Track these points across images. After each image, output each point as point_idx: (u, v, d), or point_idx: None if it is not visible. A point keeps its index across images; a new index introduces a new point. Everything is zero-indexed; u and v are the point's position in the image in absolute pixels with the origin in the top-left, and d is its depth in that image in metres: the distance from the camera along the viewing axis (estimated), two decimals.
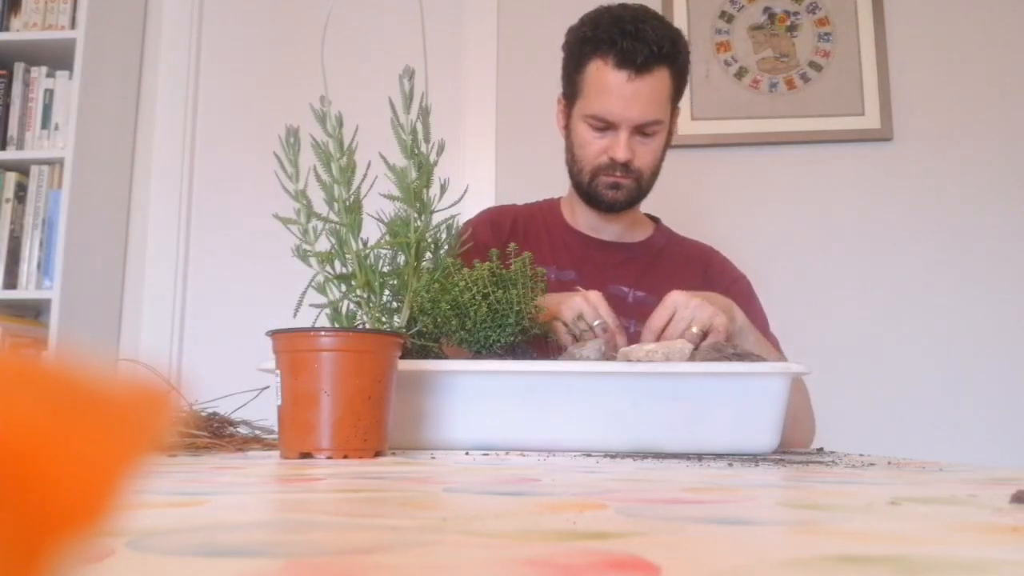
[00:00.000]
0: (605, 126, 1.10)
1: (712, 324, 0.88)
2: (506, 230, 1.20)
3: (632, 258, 1.20)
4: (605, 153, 1.11)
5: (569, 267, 1.16)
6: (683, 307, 0.88)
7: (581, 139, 1.13)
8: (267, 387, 0.75)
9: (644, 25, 1.06)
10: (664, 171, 1.87)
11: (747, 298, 1.15)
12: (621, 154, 1.09)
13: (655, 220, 1.30)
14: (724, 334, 0.88)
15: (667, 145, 1.16)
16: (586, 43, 1.10)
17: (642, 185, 1.14)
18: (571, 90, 1.15)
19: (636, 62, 1.05)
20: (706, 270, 1.22)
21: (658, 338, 0.88)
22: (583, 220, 1.22)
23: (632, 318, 1.11)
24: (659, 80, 1.07)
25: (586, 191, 1.15)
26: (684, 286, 1.14)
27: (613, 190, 1.13)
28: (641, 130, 1.09)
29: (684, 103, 1.88)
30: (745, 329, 0.95)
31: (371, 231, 0.82)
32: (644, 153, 1.11)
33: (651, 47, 1.05)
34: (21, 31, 1.92)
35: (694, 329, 0.87)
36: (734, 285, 1.18)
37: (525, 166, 1.91)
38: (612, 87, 1.07)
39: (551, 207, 1.28)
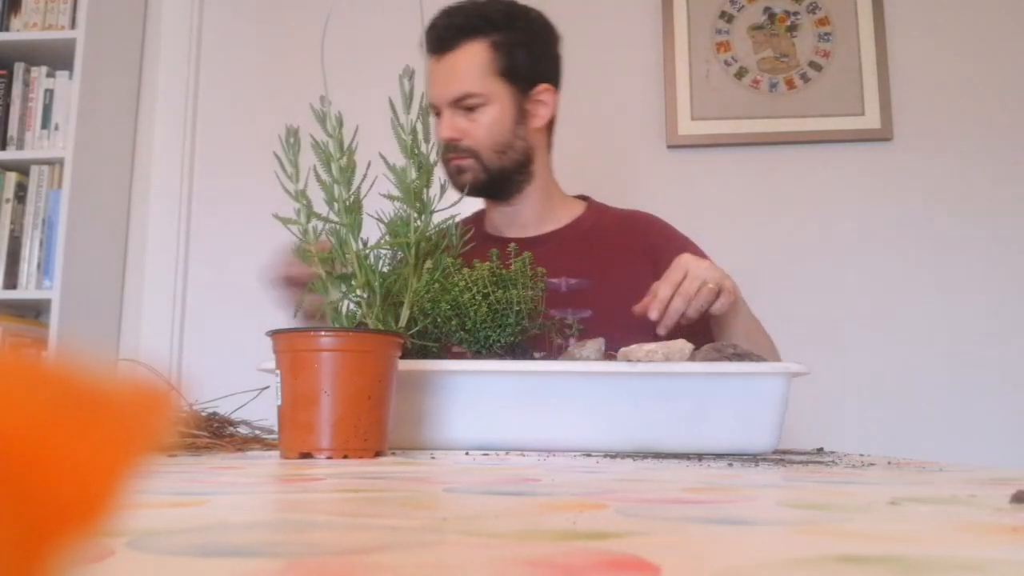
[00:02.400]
0: (437, 112, 1.12)
1: (724, 285, 0.91)
2: None
3: (557, 246, 1.17)
4: (440, 138, 1.12)
5: None
6: (695, 266, 0.91)
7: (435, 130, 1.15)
8: (267, 387, 0.75)
9: (453, 8, 1.11)
10: (664, 171, 1.88)
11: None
12: (442, 132, 1.10)
13: (587, 199, 1.26)
14: (734, 296, 0.92)
15: (514, 122, 1.14)
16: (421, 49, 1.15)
17: (485, 163, 1.12)
18: None
19: (437, 42, 1.10)
20: (644, 239, 1.18)
21: (673, 293, 0.90)
22: (497, 222, 1.21)
23: (568, 308, 1.09)
24: (468, 53, 1.10)
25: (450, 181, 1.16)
26: (622, 261, 1.15)
27: (459, 174, 1.13)
28: (462, 105, 1.10)
29: (683, 102, 1.88)
30: (740, 299, 0.97)
31: (371, 231, 0.82)
32: (472, 129, 1.10)
33: (448, 28, 1.09)
34: (21, 31, 1.92)
35: (710, 284, 0.89)
36: (683, 252, 1.18)
37: None
38: (430, 73, 1.11)
39: (475, 219, 1.25)
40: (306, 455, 0.61)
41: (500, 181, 1.14)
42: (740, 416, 0.74)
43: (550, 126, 1.21)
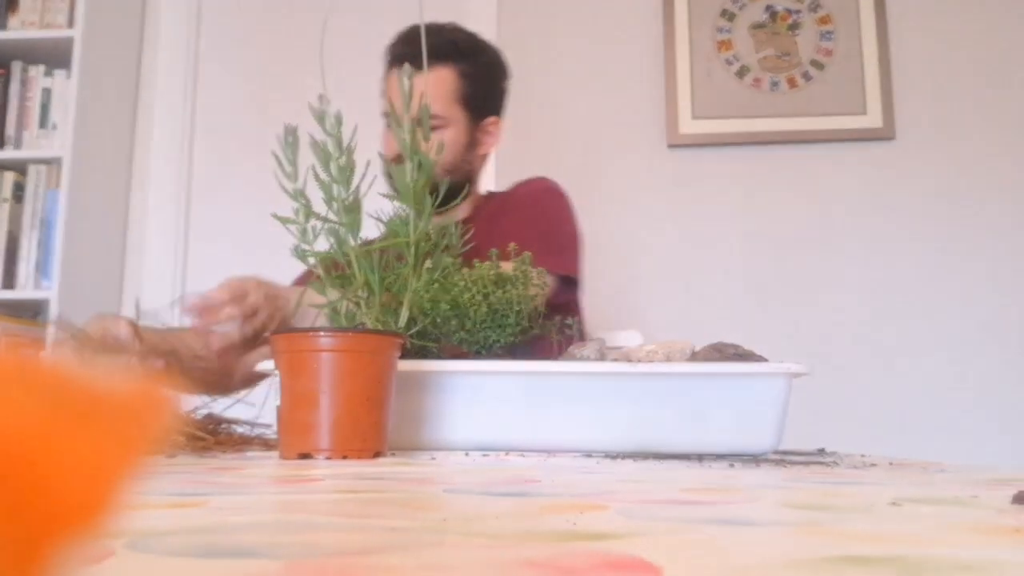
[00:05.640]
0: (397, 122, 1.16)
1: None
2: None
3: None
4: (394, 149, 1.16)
5: None
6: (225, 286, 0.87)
7: (383, 141, 1.21)
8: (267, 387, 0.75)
9: (428, 33, 1.15)
10: (664, 170, 1.88)
11: (532, 200, 1.21)
12: (399, 144, 1.14)
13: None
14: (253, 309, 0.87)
15: (465, 147, 1.20)
16: (385, 57, 1.22)
17: (434, 179, 1.16)
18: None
19: (409, 60, 1.12)
20: (509, 196, 1.25)
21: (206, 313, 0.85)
22: None
23: None
24: (438, 77, 1.17)
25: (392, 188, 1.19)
26: (498, 232, 1.15)
27: None
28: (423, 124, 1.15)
29: (684, 101, 1.88)
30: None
31: (371, 231, 0.82)
32: (427, 147, 1.15)
33: (426, 45, 1.12)
34: (19, 29, 1.92)
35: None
36: (523, 187, 1.25)
37: (525, 165, 1.91)
38: (392, 86, 1.17)
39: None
40: (305, 456, 0.61)
41: (444, 193, 1.19)
42: (741, 416, 0.74)
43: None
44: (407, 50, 1.16)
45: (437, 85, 1.17)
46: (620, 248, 1.86)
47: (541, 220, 1.19)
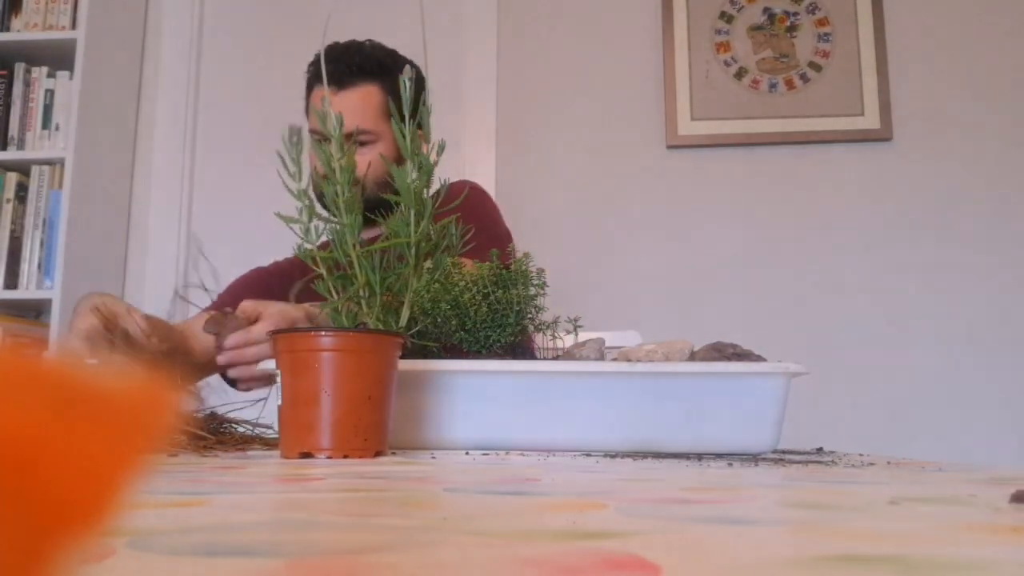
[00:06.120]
0: (324, 139, 1.18)
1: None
2: (266, 290, 1.21)
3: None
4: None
5: None
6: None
7: (311, 157, 1.20)
8: (263, 399, 0.75)
9: (351, 50, 1.20)
10: (664, 171, 1.88)
11: (463, 203, 1.22)
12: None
13: None
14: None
15: (395, 160, 1.20)
16: (309, 74, 1.24)
17: (367, 192, 1.17)
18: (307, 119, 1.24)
19: (336, 78, 1.18)
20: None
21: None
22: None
23: None
24: (365, 93, 1.19)
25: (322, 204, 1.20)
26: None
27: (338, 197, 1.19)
28: (354, 139, 1.17)
29: (683, 102, 1.88)
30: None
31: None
32: (361, 162, 1.16)
33: (350, 66, 1.18)
34: (22, 31, 1.92)
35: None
36: (448, 192, 1.26)
37: (525, 166, 1.91)
38: (319, 104, 1.18)
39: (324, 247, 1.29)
40: (306, 455, 0.61)
41: (373, 207, 1.19)
42: (740, 416, 0.74)
43: None
44: (329, 68, 1.17)
45: (365, 101, 1.19)
46: (619, 249, 1.87)
47: (473, 221, 1.20)
